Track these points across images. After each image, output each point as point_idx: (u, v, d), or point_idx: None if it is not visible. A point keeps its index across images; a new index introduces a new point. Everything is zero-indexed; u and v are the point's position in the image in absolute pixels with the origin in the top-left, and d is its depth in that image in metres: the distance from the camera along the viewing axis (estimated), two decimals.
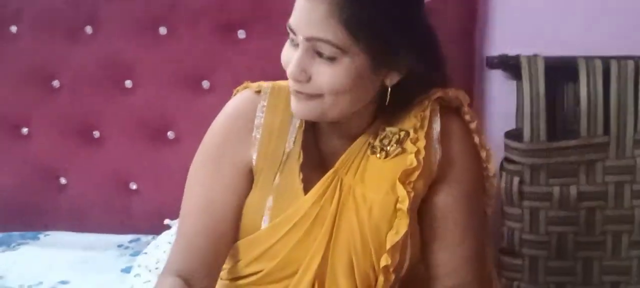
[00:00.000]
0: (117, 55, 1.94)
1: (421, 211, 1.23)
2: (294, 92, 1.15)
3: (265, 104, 1.24)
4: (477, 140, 1.26)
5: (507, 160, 1.82)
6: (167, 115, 1.96)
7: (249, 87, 1.28)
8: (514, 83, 1.84)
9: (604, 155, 1.78)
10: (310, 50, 1.11)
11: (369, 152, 1.22)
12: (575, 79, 1.78)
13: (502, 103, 1.88)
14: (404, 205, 1.16)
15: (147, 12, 1.91)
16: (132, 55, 1.94)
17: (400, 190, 1.17)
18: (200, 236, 1.22)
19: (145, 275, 1.62)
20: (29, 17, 1.95)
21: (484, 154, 1.27)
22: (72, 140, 1.99)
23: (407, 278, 1.24)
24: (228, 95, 1.36)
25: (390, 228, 1.17)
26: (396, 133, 1.21)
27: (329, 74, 1.11)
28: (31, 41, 1.96)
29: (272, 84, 1.26)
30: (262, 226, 1.21)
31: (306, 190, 1.20)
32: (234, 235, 1.24)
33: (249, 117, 1.24)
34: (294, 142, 1.23)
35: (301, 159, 1.21)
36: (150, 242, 1.78)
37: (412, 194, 1.17)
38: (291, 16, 1.12)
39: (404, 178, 1.17)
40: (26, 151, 2.01)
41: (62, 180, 2.02)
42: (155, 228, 1.84)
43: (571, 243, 1.83)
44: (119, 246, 1.91)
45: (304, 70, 1.11)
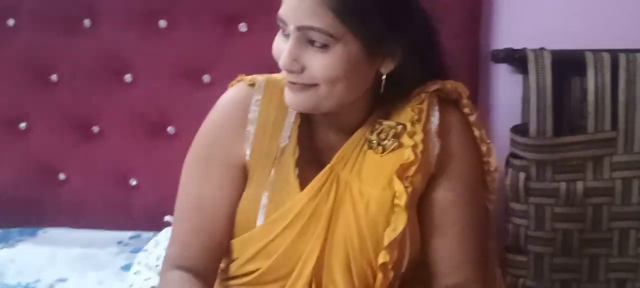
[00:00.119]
0: (117, 48, 1.91)
1: (421, 207, 1.21)
2: (288, 83, 1.13)
3: (260, 97, 1.22)
4: (477, 133, 1.24)
5: (513, 155, 1.79)
6: (167, 109, 1.94)
7: (243, 80, 1.26)
8: (520, 77, 1.81)
9: (611, 150, 1.75)
10: (302, 40, 1.09)
11: (365, 147, 1.20)
12: (583, 72, 1.75)
13: (508, 97, 1.85)
14: (401, 200, 1.14)
15: (147, 4, 1.88)
16: (132, 48, 1.91)
17: (398, 185, 1.15)
18: (194, 235, 1.20)
19: (145, 273, 1.61)
20: (27, 9, 1.92)
21: (484, 148, 1.25)
22: (70, 135, 1.97)
23: (409, 278, 1.22)
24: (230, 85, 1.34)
25: (387, 224, 1.15)
26: (393, 127, 1.19)
27: (322, 62, 1.09)
28: (29, 34, 1.93)
29: (266, 77, 1.24)
30: (257, 224, 1.19)
31: (302, 186, 1.19)
32: (229, 232, 1.22)
33: (242, 111, 1.22)
34: (289, 137, 1.21)
35: (296, 154, 1.20)
36: (151, 238, 1.76)
37: (409, 189, 1.15)
38: (281, 7, 1.10)
39: (401, 172, 1.16)
40: (24, 146, 1.99)
41: (61, 176, 2.00)
42: (155, 225, 1.82)
43: (577, 240, 1.80)
44: (119, 242, 1.89)
45: (296, 59, 1.10)
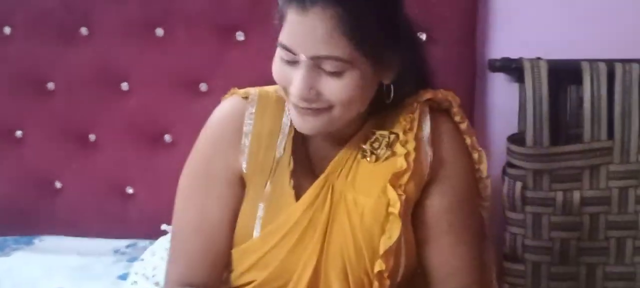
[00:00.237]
0: (113, 57, 1.91)
1: (415, 215, 1.22)
2: (299, 109, 1.13)
3: (254, 110, 1.23)
4: (468, 141, 1.26)
5: (509, 164, 1.79)
6: (164, 118, 1.93)
7: (236, 93, 1.27)
8: (516, 86, 1.82)
9: (608, 159, 1.75)
10: (314, 67, 1.09)
11: (359, 156, 1.21)
12: (579, 82, 1.75)
13: (505, 106, 1.85)
14: (395, 208, 1.15)
15: (144, 14, 1.88)
16: (128, 57, 1.91)
17: (392, 193, 1.16)
18: (200, 254, 1.21)
19: (142, 283, 1.60)
20: (23, 18, 1.91)
21: (476, 155, 1.26)
22: (67, 144, 1.96)
23: (405, 286, 1.22)
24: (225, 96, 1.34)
25: (383, 232, 1.16)
26: (386, 136, 1.21)
27: (337, 87, 1.10)
28: (25, 43, 1.92)
29: (259, 90, 1.25)
30: (254, 235, 1.19)
31: (297, 196, 1.19)
32: (231, 246, 1.23)
33: (237, 123, 1.23)
34: (284, 149, 1.21)
35: (291, 166, 1.20)
36: (147, 247, 1.75)
37: (403, 197, 1.16)
38: (284, 34, 1.09)
39: (394, 181, 1.17)
40: (20, 155, 1.98)
41: (57, 184, 1.99)
42: (152, 233, 1.81)
43: (574, 249, 1.80)
44: (116, 251, 1.89)
45: (311, 88, 1.10)
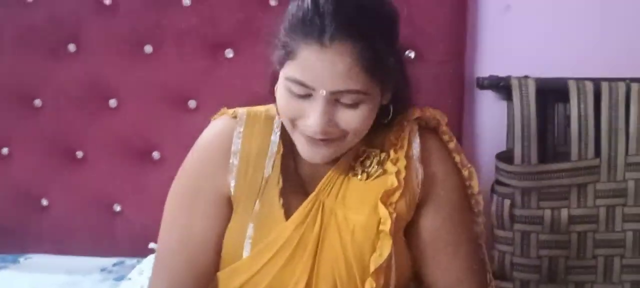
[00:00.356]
0: (101, 73, 1.90)
1: (410, 235, 1.23)
2: (312, 141, 1.14)
3: (242, 129, 1.23)
4: (457, 158, 1.27)
5: (498, 182, 1.80)
6: (153, 135, 1.93)
7: (225, 113, 1.28)
8: (504, 104, 1.83)
9: (595, 178, 1.76)
10: (332, 101, 1.10)
11: (350, 174, 1.21)
12: (566, 100, 1.76)
13: (493, 124, 1.86)
14: (386, 226, 1.16)
15: (133, 30, 1.88)
16: (117, 73, 1.90)
17: (382, 210, 1.16)
18: (184, 270, 1.20)
19: None
20: (11, 34, 1.90)
21: (466, 172, 1.28)
22: (54, 161, 1.95)
23: None
24: (215, 115, 1.34)
25: (373, 250, 1.16)
26: (377, 154, 1.22)
27: (354, 117, 1.12)
28: (12, 59, 1.91)
29: (247, 110, 1.26)
30: (243, 255, 1.19)
31: (287, 215, 1.20)
32: (216, 266, 1.22)
33: (225, 144, 1.23)
34: (273, 168, 1.22)
35: (280, 184, 1.21)
36: (135, 266, 1.74)
37: (394, 215, 1.17)
38: (297, 70, 1.10)
39: (385, 198, 1.18)
40: (6, 172, 1.96)
41: (44, 202, 1.97)
42: (139, 251, 1.80)
43: (562, 267, 1.80)
44: (103, 269, 1.87)
45: (330, 120, 1.11)
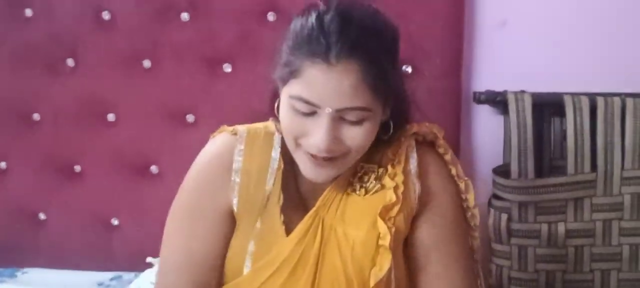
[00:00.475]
0: (100, 88, 1.91)
1: (406, 247, 1.24)
2: (315, 160, 1.15)
3: (242, 147, 1.24)
4: (453, 171, 1.28)
5: (495, 196, 1.80)
6: (151, 149, 1.93)
7: (225, 130, 1.28)
8: (501, 118, 1.84)
9: (591, 192, 1.77)
10: (336, 118, 1.11)
11: (348, 190, 1.22)
12: (562, 115, 1.78)
13: (490, 138, 1.87)
14: (385, 241, 1.16)
15: (131, 45, 1.89)
16: (115, 88, 1.91)
17: (382, 226, 1.17)
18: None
19: None
20: (9, 49, 1.91)
21: (462, 185, 1.28)
22: (52, 175, 1.95)
23: None
24: (213, 129, 1.35)
25: (373, 265, 1.17)
26: (374, 170, 1.23)
27: (359, 134, 1.13)
28: (11, 74, 1.92)
29: (247, 127, 1.27)
30: (244, 271, 1.20)
31: (288, 231, 1.20)
32: (220, 283, 1.23)
33: (226, 161, 1.24)
34: (274, 184, 1.22)
35: (281, 201, 1.21)
36: (133, 280, 1.74)
37: (393, 230, 1.18)
38: (302, 88, 1.10)
39: (384, 214, 1.18)
40: (4, 186, 1.96)
41: (42, 216, 1.97)
42: (137, 266, 1.80)
43: (560, 281, 1.81)
44: (100, 284, 1.86)
45: (335, 138, 1.12)
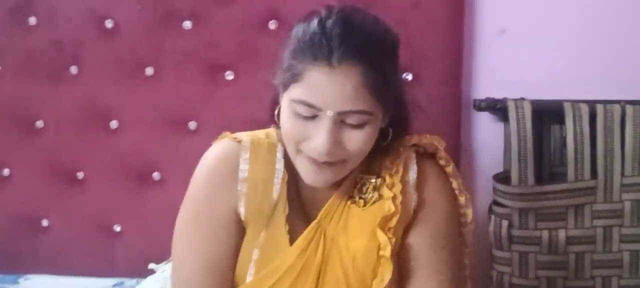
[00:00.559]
0: (102, 96, 1.92)
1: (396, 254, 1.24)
2: (316, 164, 1.15)
3: (248, 156, 1.23)
4: (454, 184, 1.28)
5: (495, 203, 1.81)
6: (153, 156, 1.94)
7: (227, 136, 1.28)
8: (501, 126, 1.84)
9: (592, 199, 1.77)
10: (338, 122, 1.12)
11: (349, 202, 1.23)
12: (562, 122, 1.78)
13: (490, 145, 1.88)
14: (386, 251, 1.17)
15: (133, 53, 1.90)
16: (118, 96, 1.92)
17: (381, 236, 1.18)
18: None
19: None
20: (13, 57, 1.92)
21: (462, 199, 1.29)
22: (54, 182, 1.95)
23: None
24: (215, 136, 1.35)
25: (374, 275, 1.17)
26: (373, 180, 1.24)
27: (359, 138, 1.14)
28: (14, 81, 1.93)
29: (250, 136, 1.26)
30: (248, 279, 1.20)
31: (291, 241, 1.21)
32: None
33: (232, 166, 1.24)
34: (279, 194, 1.23)
35: (287, 211, 1.22)
36: (135, 287, 1.74)
37: (393, 240, 1.18)
38: (304, 92, 1.11)
39: (383, 224, 1.19)
40: (7, 193, 1.97)
41: (44, 223, 1.98)
42: (139, 272, 1.80)
43: None
44: None
45: (336, 141, 1.13)
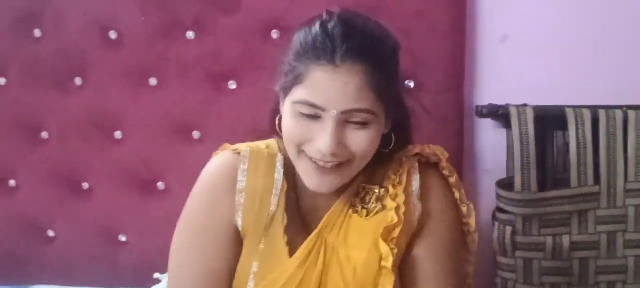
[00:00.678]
0: (107, 106, 1.93)
1: (400, 265, 1.24)
2: (319, 169, 1.15)
3: (246, 167, 1.24)
4: (457, 195, 1.28)
5: (499, 209, 1.81)
6: (157, 166, 1.94)
7: (227, 148, 1.29)
8: (504, 132, 1.84)
9: (595, 204, 1.77)
10: (342, 121, 1.12)
11: (351, 211, 1.23)
12: (565, 127, 1.78)
13: (493, 152, 1.88)
14: (388, 262, 1.16)
15: (138, 63, 1.91)
16: (122, 106, 1.93)
17: (384, 247, 1.17)
18: None
19: None
20: (18, 68, 1.93)
21: (464, 209, 1.28)
22: (60, 192, 1.97)
23: None
24: (219, 145, 1.36)
25: (376, 286, 1.17)
26: (376, 191, 1.23)
27: (362, 138, 1.14)
28: (19, 92, 1.94)
29: (250, 147, 1.27)
30: None
31: (291, 252, 1.20)
32: None
33: (231, 177, 1.24)
34: (278, 205, 1.23)
35: (285, 221, 1.22)
36: None
37: (395, 251, 1.17)
38: (308, 92, 1.12)
39: (386, 235, 1.18)
40: (13, 203, 1.98)
41: (50, 233, 1.98)
42: (144, 281, 1.81)
43: None
44: None
45: (340, 142, 1.13)
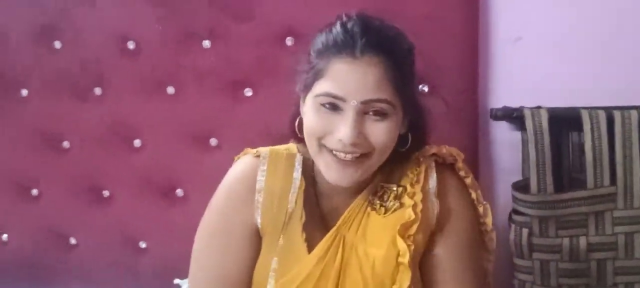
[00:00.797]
0: (126, 115, 1.96)
1: (421, 264, 1.26)
2: (339, 162, 1.18)
3: (265, 168, 1.27)
4: (473, 195, 1.30)
5: (515, 211, 1.81)
6: (176, 173, 1.97)
7: (248, 152, 1.32)
8: (519, 134, 1.84)
9: (612, 205, 1.77)
10: (361, 113, 1.15)
11: (369, 209, 1.25)
12: (580, 129, 1.78)
13: (509, 154, 1.88)
14: (405, 258, 1.19)
15: (155, 73, 1.94)
16: (141, 115, 1.96)
17: (401, 244, 1.19)
18: None
19: None
20: (39, 79, 1.97)
21: (481, 209, 1.30)
22: (81, 200, 2.00)
23: None
24: (236, 151, 1.38)
25: (393, 283, 1.19)
26: (394, 189, 1.25)
27: (381, 129, 1.17)
28: (41, 103, 1.98)
29: (270, 149, 1.30)
30: (267, 287, 1.22)
31: (309, 249, 1.23)
32: None
33: (250, 181, 1.27)
34: (296, 203, 1.25)
35: (303, 219, 1.24)
36: None
37: (412, 247, 1.20)
38: (328, 84, 1.15)
39: (403, 231, 1.20)
40: (36, 211, 2.02)
41: (72, 240, 2.02)
42: (164, 287, 1.83)
43: None
44: None
45: (360, 132, 1.16)
